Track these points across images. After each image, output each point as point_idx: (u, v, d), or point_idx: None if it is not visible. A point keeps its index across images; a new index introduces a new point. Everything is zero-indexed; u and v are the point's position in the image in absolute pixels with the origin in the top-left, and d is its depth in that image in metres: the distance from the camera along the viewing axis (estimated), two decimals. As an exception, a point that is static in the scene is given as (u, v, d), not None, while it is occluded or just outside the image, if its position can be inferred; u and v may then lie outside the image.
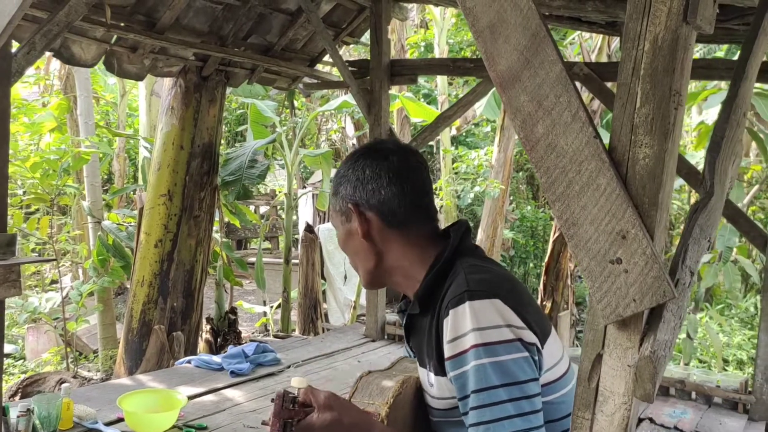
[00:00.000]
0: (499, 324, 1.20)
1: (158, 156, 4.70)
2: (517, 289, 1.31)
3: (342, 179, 1.42)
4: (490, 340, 1.19)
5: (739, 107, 1.37)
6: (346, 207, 1.40)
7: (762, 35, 1.48)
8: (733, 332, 7.29)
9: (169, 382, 3.51)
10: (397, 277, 1.42)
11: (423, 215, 1.41)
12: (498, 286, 1.26)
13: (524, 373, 1.20)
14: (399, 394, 1.40)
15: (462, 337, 1.21)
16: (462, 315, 1.21)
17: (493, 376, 1.19)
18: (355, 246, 1.41)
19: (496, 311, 1.21)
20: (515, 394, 1.19)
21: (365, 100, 4.60)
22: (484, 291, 1.23)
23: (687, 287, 1.20)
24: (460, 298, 1.22)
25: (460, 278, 1.26)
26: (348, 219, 1.40)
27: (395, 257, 1.40)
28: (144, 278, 4.71)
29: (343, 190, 1.41)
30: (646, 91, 1.09)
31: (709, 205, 1.24)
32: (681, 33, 1.06)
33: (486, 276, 1.28)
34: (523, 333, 1.22)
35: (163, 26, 3.97)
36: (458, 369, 1.22)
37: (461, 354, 1.21)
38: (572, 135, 1.13)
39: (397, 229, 1.39)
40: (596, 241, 1.12)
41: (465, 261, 1.33)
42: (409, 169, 1.40)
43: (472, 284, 1.24)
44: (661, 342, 1.11)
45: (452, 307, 1.23)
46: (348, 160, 1.45)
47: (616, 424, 1.14)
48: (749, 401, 3.40)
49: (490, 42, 1.21)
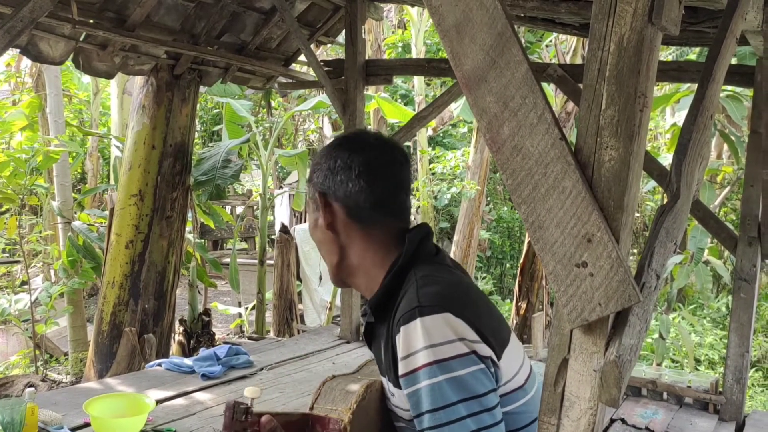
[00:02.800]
0: (452, 339, 1.16)
1: (129, 155, 4.62)
2: (473, 300, 1.27)
3: (316, 166, 1.40)
4: (444, 356, 1.15)
5: (707, 109, 1.37)
6: (315, 196, 1.37)
7: (729, 37, 1.48)
8: (705, 332, 7.38)
9: (139, 386, 3.45)
10: (358, 278, 1.38)
11: (391, 214, 1.36)
12: (450, 299, 1.21)
13: (482, 385, 1.17)
14: (363, 399, 1.37)
15: (414, 354, 1.17)
16: (413, 332, 1.17)
17: (450, 392, 1.15)
18: (320, 236, 1.39)
19: (447, 326, 1.16)
20: (474, 408, 1.16)
21: (340, 100, 4.57)
22: (435, 306, 1.18)
23: (653, 290, 1.19)
24: (411, 314, 1.18)
25: (411, 292, 1.22)
26: (317, 207, 1.38)
27: (357, 254, 1.36)
28: (114, 280, 4.63)
29: (315, 177, 1.38)
30: (611, 92, 1.08)
31: (676, 207, 1.24)
32: (646, 34, 1.05)
33: (438, 288, 1.22)
34: (477, 346, 1.18)
35: (134, 23, 3.90)
36: (411, 387, 1.18)
37: (413, 372, 1.17)
38: (538, 137, 1.11)
39: (360, 225, 1.34)
40: (562, 244, 1.10)
41: (420, 270, 1.28)
42: (383, 164, 1.35)
43: (423, 299, 1.19)
44: (627, 346, 1.10)
45: (403, 323, 1.18)
46: (326, 147, 1.42)
47: (582, 429, 1.13)
48: (720, 401, 3.43)
49: (456, 42, 1.19)
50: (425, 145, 11.32)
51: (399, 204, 1.37)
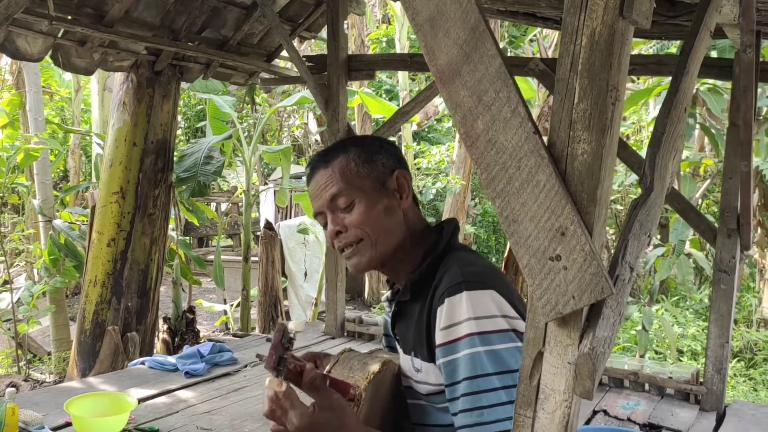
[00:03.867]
0: (495, 314, 1.25)
1: (110, 153, 4.58)
2: (510, 284, 1.36)
3: (379, 149, 1.43)
4: (486, 329, 1.23)
5: (680, 103, 1.38)
6: (388, 174, 1.40)
7: (703, 31, 1.49)
8: (688, 323, 7.45)
9: (121, 385, 3.43)
10: (401, 260, 1.43)
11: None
12: (493, 278, 1.30)
13: (517, 362, 1.24)
14: (380, 372, 1.41)
15: (457, 324, 1.24)
16: (458, 304, 1.25)
17: (488, 364, 1.22)
18: (389, 218, 1.40)
19: (492, 302, 1.25)
20: (508, 382, 1.22)
21: (323, 95, 4.55)
22: (480, 282, 1.27)
23: (627, 283, 1.19)
24: (457, 287, 1.26)
25: (455, 270, 1.30)
26: (384, 187, 1.40)
27: (411, 240, 1.43)
28: (97, 278, 4.59)
29: (383, 157, 1.41)
30: (583, 86, 1.08)
31: (649, 200, 1.25)
32: (618, 28, 1.05)
33: (480, 269, 1.32)
34: (517, 323, 1.27)
35: (112, 19, 3.87)
36: (450, 356, 1.25)
37: (455, 341, 1.25)
38: (512, 131, 1.12)
39: (418, 211, 1.46)
40: (536, 237, 1.11)
41: (457, 255, 1.37)
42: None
43: (468, 275, 1.28)
44: (600, 339, 1.11)
45: (448, 295, 1.26)
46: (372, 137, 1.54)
47: (557, 422, 1.13)
48: (700, 392, 3.46)
49: (430, 36, 1.19)
50: (410, 140, 11.32)
51: None
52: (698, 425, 3.25)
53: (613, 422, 3.27)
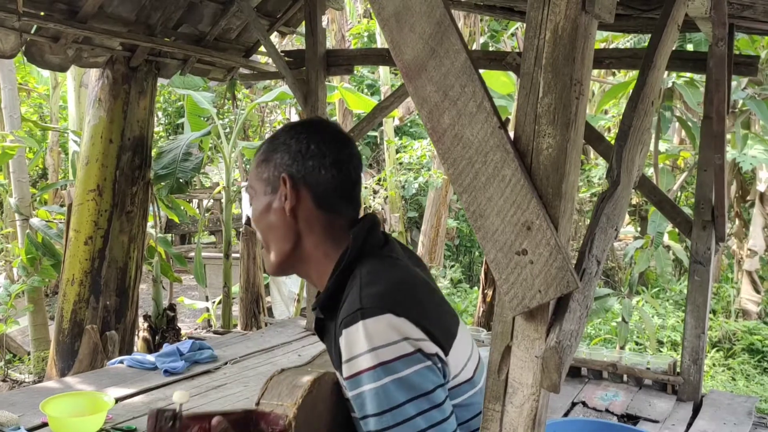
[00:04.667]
0: (395, 340, 1.14)
1: (86, 150, 4.53)
2: (418, 296, 1.24)
3: (280, 146, 1.33)
4: (388, 357, 1.14)
5: (647, 96, 1.39)
6: (277, 176, 1.31)
7: (670, 24, 1.50)
8: (668, 315, 7.52)
9: (99, 384, 3.40)
10: (308, 267, 1.35)
11: (351, 205, 1.36)
12: (393, 298, 1.18)
13: (429, 381, 1.16)
14: (310, 393, 1.32)
15: (356, 357, 1.15)
16: (355, 335, 1.15)
17: (397, 393, 1.14)
18: (274, 221, 1.32)
19: (390, 327, 1.14)
20: (423, 406, 1.15)
21: (301, 90, 4.53)
22: (377, 307, 1.16)
23: (594, 276, 1.20)
24: (353, 317, 1.16)
25: (354, 293, 1.20)
26: (274, 189, 1.31)
27: (313, 244, 1.32)
28: (74, 277, 4.54)
29: (278, 157, 1.32)
30: (548, 80, 1.08)
31: (616, 194, 1.25)
32: (580, 22, 1.05)
33: (381, 288, 1.20)
34: (423, 344, 1.16)
35: (86, 15, 3.81)
36: (355, 389, 1.17)
37: (357, 375, 1.16)
38: (478, 125, 1.12)
39: (324, 214, 1.32)
40: (502, 232, 1.11)
41: (365, 266, 1.26)
42: (348, 156, 1.35)
43: (365, 300, 1.17)
44: (567, 332, 1.11)
45: (345, 326, 1.16)
46: (290, 128, 1.36)
47: (525, 415, 1.14)
48: (677, 382, 3.50)
49: (396, 31, 1.18)
50: (392, 135, 11.31)
51: (357, 195, 1.38)
52: (675, 415, 3.29)
53: (591, 414, 3.30)
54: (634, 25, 3.39)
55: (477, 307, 6.95)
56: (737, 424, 3.19)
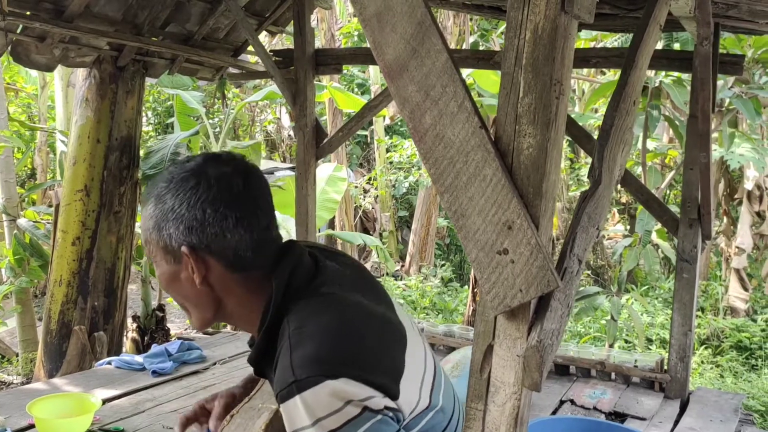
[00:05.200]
0: (339, 407, 1.06)
1: (73, 150, 4.50)
2: (354, 344, 1.13)
3: (169, 213, 1.17)
4: (335, 426, 1.06)
5: (629, 96, 1.39)
6: (177, 248, 1.17)
7: (652, 24, 1.51)
8: (656, 312, 7.56)
9: (87, 385, 3.39)
10: (235, 321, 1.28)
11: (268, 249, 1.22)
12: (327, 360, 1.08)
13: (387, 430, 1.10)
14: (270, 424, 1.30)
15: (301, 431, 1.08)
16: (294, 410, 1.07)
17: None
18: (186, 291, 1.21)
19: (330, 395, 1.06)
20: None
21: (290, 90, 4.52)
22: (312, 375, 1.06)
23: (575, 275, 1.21)
24: (288, 391, 1.08)
25: (285, 359, 1.10)
26: (176, 260, 1.18)
27: (235, 303, 1.22)
28: (62, 278, 4.52)
29: (172, 229, 1.16)
30: (528, 80, 1.08)
31: (597, 193, 1.26)
32: (560, 22, 1.06)
33: (312, 350, 1.09)
34: (369, 402, 1.08)
35: (72, 14, 3.79)
36: None
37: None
38: (459, 125, 1.12)
39: (240, 274, 1.20)
40: (484, 232, 1.11)
41: (293, 317, 1.15)
42: (257, 198, 1.20)
43: (297, 371, 1.07)
44: (548, 331, 1.12)
45: (282, 401, 1.09)
46: (175, 186, 1.17)
47: (507, 414, 1.14)
48: (665, 380, 3.52)
49: (378, 31, 1.18)
50: (382, 134, 11.31)
51: (271, 235, 1.24)
52: (662, 412, 3.31)
53: (579, 411, 3.32)
54: (620, 25, 3.41)
55: (467, 306, 6.96)
56: (723, 420, 3.21)
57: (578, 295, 5.48)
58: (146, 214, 1.21)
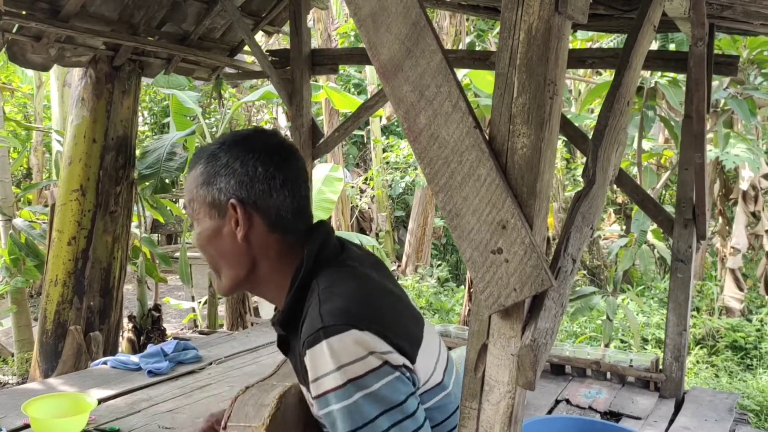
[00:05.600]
0: (362, 355, 1.12)
1: (69, 149, 4.50)
2: (380, 306, 1.21)
3: (222, 168, 1.25)
4: (356, 374, 1.12)
5: (623, 96, 1.40)
6: (224, 202, 1.24)
7: (646, 25, 1.51)
8: (652, 312, 7.58)
9: (82, 385, 3.38)
10: (263, 288, 1.31)
11: (303, 220, 1.31)
12: (355, 313, 1.15)
13: (400, 393, 1.15)
14: (277, 410, 1.32)
15: (324, 377, 1.13)
16: (320, 354, 1.12)
17: (369, 408, 1.12)
18: (225, 247, 1.26)
19: (355, 343, 1.12)
20: (397, 418, 1.14)
21: (286, 90, 4.53)
22: (339, 323, 1.13)
23: (569, 275, 1.21)
24: (315, 337, 1.13)
25: (314, 310, 1.17)
26: (221, 214, 1.25)
27: (269, 266, 1.28)
28: (58, 277, 4.51)
29: (223, 182, 1.24)
30: (522, 80, 1.09)
31: (591, 193, 1.26)
32: (553, 23, 1.06)
33: (340, 303, 1.17)
34: (389, 356, 1.15)
35: (68, 14, 3.79)
36: (326, 408, 1.14)
37: (326, 394, 1.13)
38: (453, 125, 1.12)
39: (279, 236, 1.27)
40: (478, 231, 1.12)
41: (322, 279, 1.22)
42: (297, 170, 1.30)
43: (326, 317, 1.14)
44: (542, 330, 1.12)
45: (308, 347, 1.14)
46: (231, 146, 1.27)
47: (502, 413, 1.15)
48: (660, 379, 3.53)
49: (373, 31, 1.19)
50: (378, 134, 11.33)
51: (308, 208, 1.33)
52: (657, 412, 3.32)
53: (575, 411, 3.33)
54: (616, 25, 3.41)
55: (463, 306, 6.97)
56: (718, 420, 3.22)
57: (574, 295, 5.49)
58: (195, 173, 1.29)
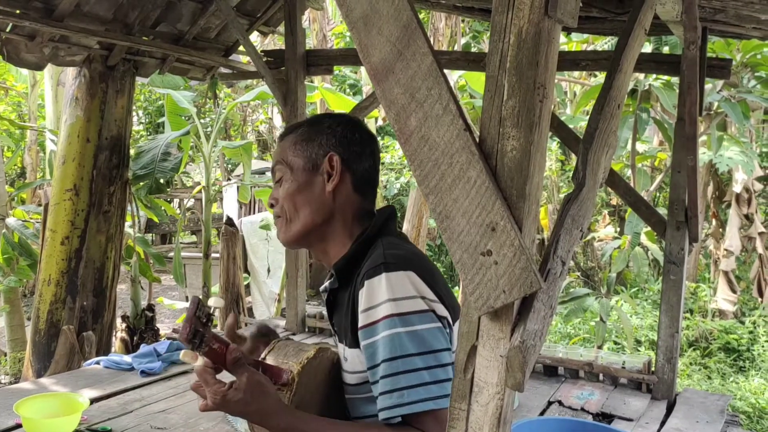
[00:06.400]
0: (414, 295, 1.26)
1: (63, 149, 4.49)
2: (433, 270, 1.38)
3: (325, 129, 1.45)
4: (405, 310, 1.24)
5: (614, 99, 1.41)
6: (322, 156, 1.42)
7: (637, 29, 1.52)
8: (646, 314, 7.60)
9: (74, 385, 3.37)
10: (326, 244, 1.46)
11: (374, 195, 1.51)
12: (414, 262, 1.31)
13: (438, 342, 1.26)
14: (314, 358, 1.41)
15: (376, 306, 1.25)
16: (377, 285, 1.26)
17: (409, 344, 1.23)
18: (312, 197, 1.42)
19: (410, 283, 1.26)
20: (430, 362, 1.24)
21: (281, 90, 4.53)
22: (400, 263, 1.28)
23: (558, 277, 1.22)
24: (376, 269, 1.28)
25: (378, 253, 1.32)
26: (316, 167, 1.42)
27: (341, 223, 1.44)
28: (51, 277, 4.50)
29: (324, 139, 1.43)
30: (512, 83, 1.09)
31: (581, 195, 1.27)
32: (543, 26, 1.07)
33: (403, 252, 1.33)
34: (436, 306, 1.28)
35: (62, 13, 3.78)
36: (370, 338, 1.26)
37: (374, 323, 1.25)
38: (444, 127, 1.13)
39: (359, 197, 1.45)
40: (468, 233, 1.12)
41: (386, 240, 1.38)
42: (378, 151, 1.53)
43: (389, 257, 1.29)
44: (531, 331, 1.13)
45: (368, 278, 1.28)
46: (333, 116, 1.50)
47: (491, 414, 1.15)
48: (652, 381, 3.54)
49: (364, 33, 1.19)
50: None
51: (377, 187, 1.55)
52: (649, 413, 3.33)
53: (567, 412, 3.33)
54: (609, 28, 3.43)
55: (457, 307, 6.97)
56: (710, 422, 3.23)
57: (568, 296, 5.51)
58: (294, 134, 1.48)
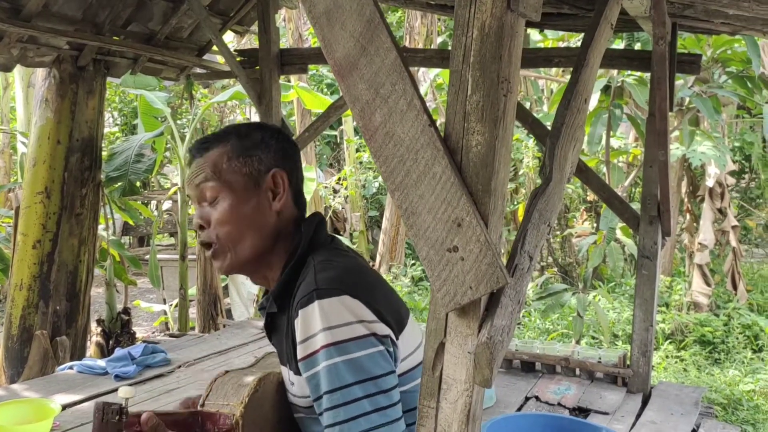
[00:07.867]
0: (350, 321, 1.18)
1: (33, 151, 4.41)
2: (370, 282, 1.28)
3: (260, 143, 1.33)
4: (342, 338, 1.17)
5: (580, 94, 1.41)
6: (264, 172, 1.31)
7: (603, 24, 1.52)
8: (623, 309, 7.67)
9: (47, 390, 3.32)
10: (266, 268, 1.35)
11: (305, 203, 1.42)
12: (348, 282, 1.22)
13: (379, 367, 1.19)
14: (256, 392, 1.34)
15: (312, 337, 1.18)
16: (311, 315, 1.18)
17: (347, 374, 1.17)
18: (257, 219, 1.31)
19: (345, 308, 1.18)
20: (371, 390, 1.18)
21: (255, 90, 4.50)
22: (332, 288, 1.19)
23: (526, 272, 1.21)
24: (308, 298, 1.19)
25: (309, 277, 1.23)
26: (257, 185, 1.31)
27: (282, 243, 1.34)
28: (22, 282, 4.42)
29: (262, 154, 1.32)
30: (476, 78, 1.09)
31: (548, 190, 1.27)
32: (506, 20, 1.06)
33: (335, 273, 1.23)
34: (376, 326, 1.20)
35: (30, 13, 3.71)
36: (310, 370, 1.20)
37: (312, 355, 1.18)
38: (408, 123, 1.12)
39: (297, 211, 1.37)
40: (434, 229, 1.11)
41: (318, 256, 1.29)
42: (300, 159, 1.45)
43: (320, 282, 1.20)
44: (499, 327, 1.12)
45: (301, 307, 1.20)
46: (259, 128, 1.38)
47: (459, 411, 1.15)
48: (627, 375, 3.57)
49: (327, 29, 1.18)
50: (351, 134, 11.30)
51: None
52: (625, 407, 3.36)
53: (544, 408, 3.35)
54: (581, 25, 3.44)
55: (436, 305, 6.97)
56: (684, 414, 3.27)
57: (546, 292, 5.54)
58: (224, 148, 1.33)
